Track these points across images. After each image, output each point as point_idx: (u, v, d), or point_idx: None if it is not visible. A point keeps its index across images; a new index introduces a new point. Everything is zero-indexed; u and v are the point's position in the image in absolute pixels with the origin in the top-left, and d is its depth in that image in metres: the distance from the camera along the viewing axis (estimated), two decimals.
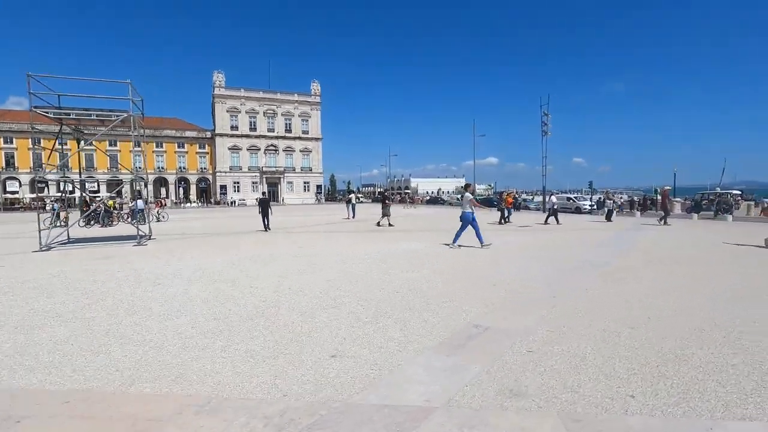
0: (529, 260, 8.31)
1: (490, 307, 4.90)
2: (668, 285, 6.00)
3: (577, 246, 10.67)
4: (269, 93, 68.18)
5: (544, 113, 26.83)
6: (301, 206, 52.95)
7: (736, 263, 7.88)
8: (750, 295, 5.40)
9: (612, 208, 21.33)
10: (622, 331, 4.03)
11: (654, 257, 8.60)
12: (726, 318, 4.39)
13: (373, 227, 17.06)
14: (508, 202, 20.80)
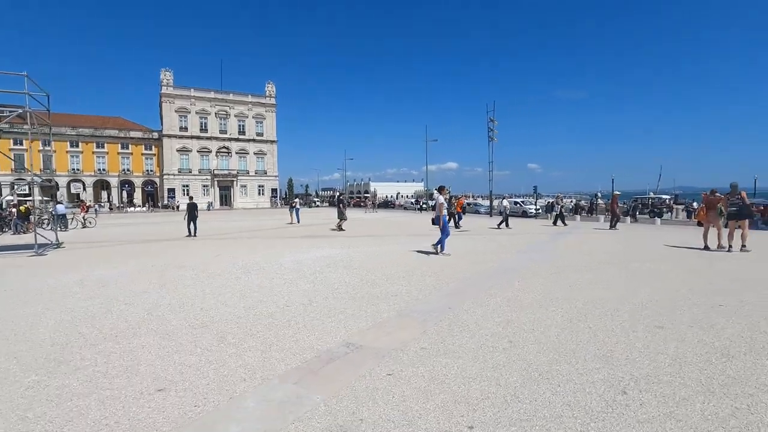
0: (455, 269, 8.12)
1: (376, 322, 4.57)
2: (566, 291, 5.94)
3: (516, 251, 10.67)
4: (221, 93, 65.77)
5: (490, 119, 27.37)
6: (254, 210, 51.25)
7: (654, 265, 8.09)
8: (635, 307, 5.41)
9: (562, 212, 21.74)
10: (499, 345, 3.81)
11: (575, 263, 8.69)
12: (607, 331, 4.30)
13: (311, 233, 16.53)
14: (458, 206, 20.95)
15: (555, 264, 8.37)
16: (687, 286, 6.18)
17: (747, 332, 4.10)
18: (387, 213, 40.65)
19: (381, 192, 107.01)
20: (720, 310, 4.87)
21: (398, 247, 11.43)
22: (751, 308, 4.96)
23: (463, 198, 34.50)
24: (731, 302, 5.26)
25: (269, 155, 69.48)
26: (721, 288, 6.07)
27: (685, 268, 7.81)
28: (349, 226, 18.77)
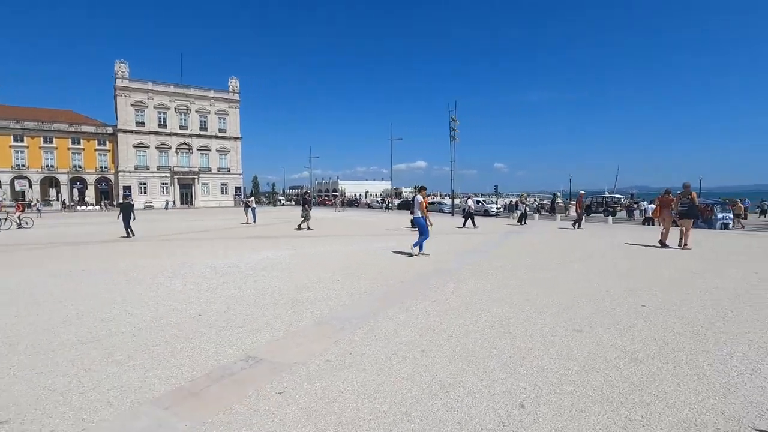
0: (395, 270, 7.91)
1: (290, 332, 4.27)
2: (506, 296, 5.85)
3: (466, 250, 10.59)
4: (182, 88, 63.26)
5: (452, 119, 27.51)
6: (216, 209, 49.55)
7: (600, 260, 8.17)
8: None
9: (525, 211, 22.06)
10: (410, 355, 3.60)
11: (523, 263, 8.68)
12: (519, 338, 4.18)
13: (264, 233, 15.99)
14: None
15: (500, 264, 8.32)
16: (620, 285, 6.23)
17: (660, 334, 4.08)
18: (353, 212, 40.27)
19: (350, 191, 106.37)
20: (641, 312, 4.88)
21: (349, 248, 11.15)
22: (672, 308, 5.00)
23: (428, 197, 34.63)
24: (654, 302, 5.30)
25: (233, 152, 67.52)
26: (649, 286, 6.14)
27: (625, 267, 7.93)
28: (327, 226, 18.35)
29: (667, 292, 5.87)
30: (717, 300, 5.39)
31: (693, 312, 4.84)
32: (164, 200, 59.02)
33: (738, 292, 5.81)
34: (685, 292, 5.87)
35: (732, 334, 4.07)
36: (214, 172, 65.99)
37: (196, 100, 64.31)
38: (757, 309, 4.95)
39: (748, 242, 12.45)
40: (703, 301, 5.35)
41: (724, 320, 4.53)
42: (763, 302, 5.26)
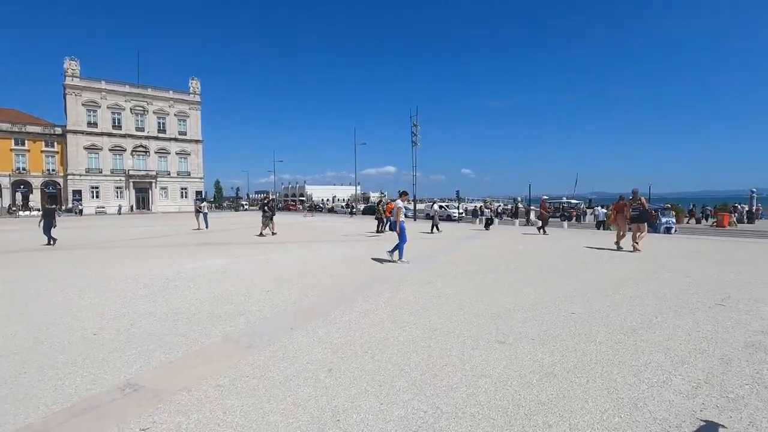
0: (335, 279, 7.57)
1: (191, 351, 3.85)
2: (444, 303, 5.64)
3: (416, 256, 10.38)
4: (138, 88, 60.60)
5: (413, 124, 27.58)
6: (174, 214, 47.51)
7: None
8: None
9: (490, 216, 22.11)
10: (313, 376, 3.28)
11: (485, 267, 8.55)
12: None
13: (213, 240, 15.26)
14: (387, 210, 20.50)
15: (446, 271, 8.15)
16: (561, 290, 6.17)
17: (582, 344, 3.96)
18: (317, 217, 39.60)
19: (317, 195, 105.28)
20: (570, 320, 4.78)
21: (298, 255, 10.71)
22: (600, 315, 4.93)
23: (392, 203, 34.42)
24: (585, 309, 5.23)
25: (193, 155, 65.25)
26: (586, 291, 6.10)
27: (572, 271, 7.93)
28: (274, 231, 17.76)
29: (602, 297, 5.84)
30: (646, 305, 5.39)
31: (619, 319, 4.78)
32: (118, 205, 56.10)
33: (667, 297, 5.86)
34: (618, 297, 5.86)
35: (652, 342, 4.00)
36: (173, 176, 63.47)
37: (153, 101, 61.78)
38: (680, 315, 4.96)
39: (686, 246, 12.94)
40: (632, 306, 5.33)
41: (648, 327, 4.48)
42: (688, 307, 5.30)
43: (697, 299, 5.71)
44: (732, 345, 3.94)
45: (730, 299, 5.71)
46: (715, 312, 5.07)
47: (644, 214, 11.52)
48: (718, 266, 8.57)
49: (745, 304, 5.43)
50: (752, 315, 4.93)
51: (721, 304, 5.45)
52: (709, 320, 4.73)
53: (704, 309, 5.21)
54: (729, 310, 5.15)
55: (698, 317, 4.85)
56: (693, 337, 4.16)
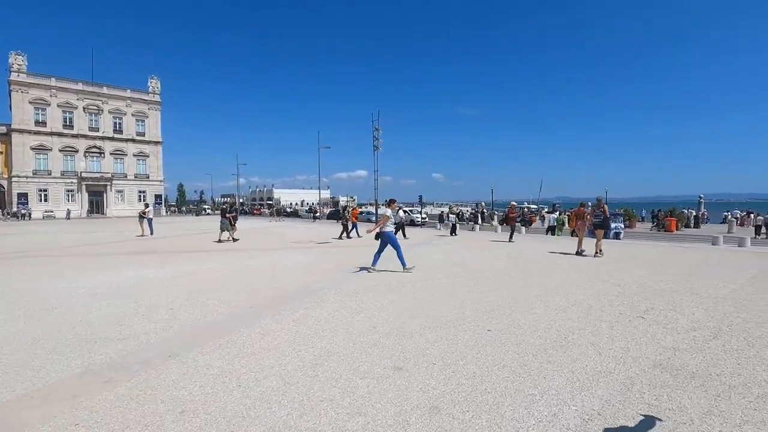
0: (257, 293, 7.04)
1: (28, 391, 3.27)
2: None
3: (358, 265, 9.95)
4: (92, 86, 57.58)
5: (375, 128, 27.31)
6: (131, 219, 45.13)
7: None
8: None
9: (455, 222, 21.49)
10: (153, 422, 2.79)
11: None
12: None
13: (150, 248, 14.33)
14: (353, 215, 19.90)
15: (379, 281, 7.77)
16: (487, 302, 5.88)
17: (484, 368, 3.65)
18: (281, 222, 38.63)
19: (285, 199, 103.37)
20: (482, 338, 4.47)
21: (232, 265, 10.08)
22: (516, 332, 4.66)
23: (358, 208, 33.93)
24: (504, 324, 4.96)
25: (153, 157, 62.55)
26: (514, 302, 5.86)
27: (508, 281, 7.72)
28: (211, 239, 16.94)
29: (525, 311, 5.60)
30: (568, 319, 5.18)
31: (535, 336, 4.53)
32: (66, 209, 52.94)
33: (592, 309, 5.69)
34: (542, 310, 5.64)
35: (559, 364, 3.74)
36: (130, 179, 60.58)
37: (109, 100, 58.82)
38: (599, 330, 4.76)
39: (629, 252, 13.13)
40: (553, 321, 5.11)
41: (561, 346, 4.24)
42: (609, 321, 5.12)
43: (621, 311, 5.56)
44: (640, 365, 3.73)
45: (652, 310, 5.59)
46: (634, 326, 4.91)
47: (605, 222, 11.96)
48: (652, 274, 8.60)
49: (665, 316, 5.31)
50: (668, 329, 4.79)
51: (642, 316, 5.31)
52: (625, 335, 4.55)
53: (625, 322, 5.05)
54: (648, 323, 5.00)
55: (616, 332, 4.67)
56: (603, 357, 3.93)
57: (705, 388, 3.27)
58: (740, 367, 3.67)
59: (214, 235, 18.01)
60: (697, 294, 6.61)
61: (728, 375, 3.51)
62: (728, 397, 3.11)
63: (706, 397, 3.10)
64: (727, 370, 3.61)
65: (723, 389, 3.24)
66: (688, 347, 4.19)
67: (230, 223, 16.33)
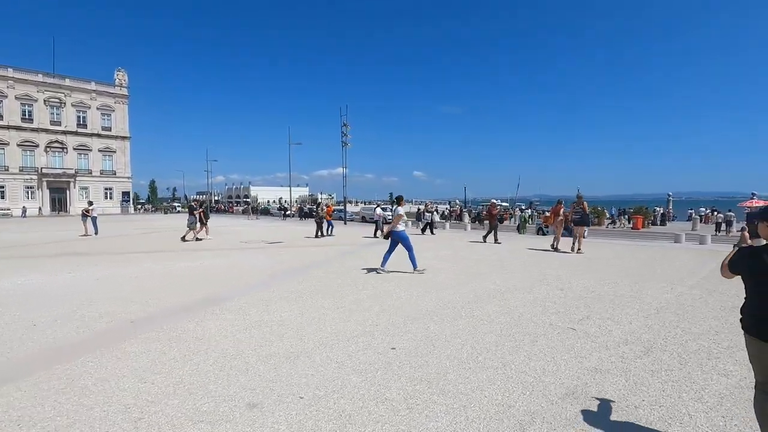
0: (160, 300, 6.23)
1: None
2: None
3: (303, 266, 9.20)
4: (54, 77, 54.87)
5: (343, 124, 26.48)
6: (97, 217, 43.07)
7: None
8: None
9: (431, 220, 20.80)
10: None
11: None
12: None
13: (87, 249, 13.24)
14: (328, 213, 18.91)
15: (302, 287, 7.05)
16: (410, 313, 5.24)
17: (362, 402, 2.97)
18: (253, 221, 37.43)
19: (262, 197, 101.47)
20: (382, 358, 3.81)
21: (160, 268, 9.19)
22: (424, 348, 4.02)
23: (332, 205, 33.07)
24: (410, 341, 4.30)
25: (120, 153, 60.16)
26: (431, 313, 5.23)
27: (446, 286, 7.10)
28: (167, 238, 15.93)
29: (448, 321, 4.98)
30: (490, 332, 4.57)
31: (443, 355, 3.88)
32: (31, 206, 50.40)
33: (523, 318, 5.11)
34: (466, 320, 5.02)
35: (453, 395, 3.10)
36: (95, 175, 58.11)
37: (72, 93, 56.18)
38: (520, 345, 4.16)
39: (587, 251, 12.76)
40: (472, 334, 4.49)
41: (467, 367, 3.61)
42: (535, 333, 4.53)
43: (551, 321, 4.99)
44: (549, 394, 3.12)
45: (587, 320, 5.04)
46: (561, 339, 4.33)
47: (585, 218, 12.18)
48: (602, 275, 8.14)
49: (598, 327, 4.75)
50: (598, 343, 4.23)
51: (573, 327, 4.74)
52: (546, 353, 3.95)
53: (552, 335, 4.46)
54: (577, 336, 4.43)
55: (537, 348, 4.07)
56: (510, 383, 3.31)
57: (613, 428, 2.67)
58: (664, 395, 3.10)
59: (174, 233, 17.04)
60: (641, 299, 6.12)
61: (647, 406, 2.93)
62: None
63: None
64: (648, 399, 3.04)
65: (635, 429, 2.66)
66: (613, 367, 3.61)
67: (198, 220, 15.81)
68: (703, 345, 4.17)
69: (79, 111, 56.68)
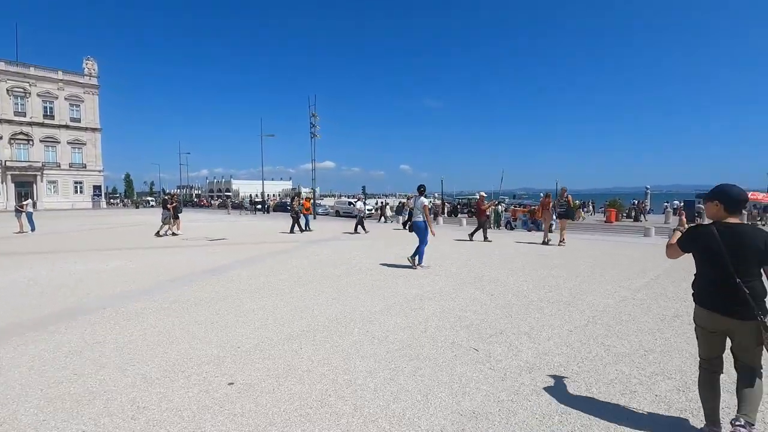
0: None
1: None
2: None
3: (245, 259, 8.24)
4: (17, 66, 52.37)
5: (312, 114, 25.36)
6: (66, 212, 41.38)
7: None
8: None
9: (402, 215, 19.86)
10: None
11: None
12: None
13: (16, 249, 12.09)
14: (305, 207, 17.68)
15: (198, 296, 6.13)
16: (296, 326, 4.36)
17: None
18: (221, 215, 36.20)
19: (244, 191, 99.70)
20: (224, 396, 2.93)
21: (73, 269, 8.16)
22: (266, 389, 3.15)
23: (308, 200, 31.96)
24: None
25: (90, 145, 57.97)
26: (322, 327, 4.36)
27: (371, 288, 6.24)
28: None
29: (336, 336, 4.11)
30: (370, 356, 3.71)
31: (284, 394, 3.01)
32: None
33: (423, 335, 4.26)
34: (357, 336, 4.16)
35: None
36: (64, 168, 55.88)
37: (38, 82, 53.75)
38: (391, 378, 3.31)
39: (542, 248, 12.04)
40: (346, 358, 3.62)
41: (307, 410, 2.75)
42: (424, 356, 3.69)
43: (455, 338, 4.15)
44: None
45: (500, 336, 4.22)
46: (453, 366, 3.49)
47: (569, 212, 12.31)
48: (545, 276, 7.37)
49: (508, 346, 3.94)
50: (495, 371, 3.40)
51: (476, 348, 3.91)
52: (423, 387, 3.11)
53: (445, 360, 3.62)
54: (475, 361, 3.60)
55: (414, 381, 3.22)
56: None
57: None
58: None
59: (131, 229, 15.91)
60: (576, 306, 5.33)
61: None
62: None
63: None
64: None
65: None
66: (495, 411, 2.78)
67: (171, 216, 15.17)
68: (622, 372, 3.37)
69: (45, 101, 54.30)
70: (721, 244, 2.25)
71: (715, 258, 2.27)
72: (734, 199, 2.31)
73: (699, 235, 2.37)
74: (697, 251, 2.40)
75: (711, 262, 2.31)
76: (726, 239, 2.25)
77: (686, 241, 2.46)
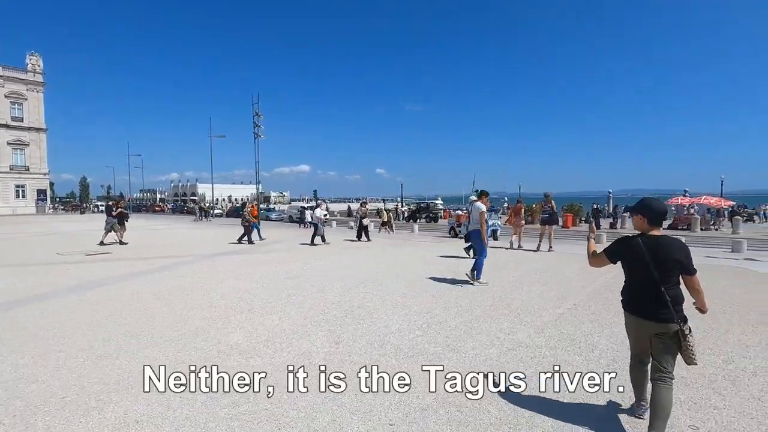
0: None
1: None
2: None
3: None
4: None
5: (255, 113, 23.86)
6: (6, 218, 37.90)
7: None
8: None
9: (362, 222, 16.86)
10: None
11: None
12: None
13: None
14: (253, 213, 15.09)
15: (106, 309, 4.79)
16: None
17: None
18: (157, 221, 34.00)
19: (210, 195, 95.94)
20: None
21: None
22: None
23: (255, 205, 30.13)
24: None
25: (34, 146, 54.02)
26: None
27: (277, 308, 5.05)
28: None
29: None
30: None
31: None
32: None
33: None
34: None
35: None
36: (4, 171, 51.74)
37: None
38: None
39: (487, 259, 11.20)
40: (121, 425, 2.44)
41: None
42: None
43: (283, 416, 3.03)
44: None
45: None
46: None
47: (553, 216, 12.14)
48: (474, 293, 6.40)
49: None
50: None
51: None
52: None
53: None
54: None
55: None
56: None
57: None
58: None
59: (46, 239, 13.92)
60: (490, 334, 4.34)
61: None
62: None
63: None
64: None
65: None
66: None
67: (116, 222, 13.73)
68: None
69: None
70: (647, 254, 2.45)
71: (642, 267, 2.47)
72: (656, 213, 2.51)
73: (628, 247, 2.56)
74: (625, 261, 2.61)
75: (638, 271, 2.51)
76: (651, 250, 2.45)
77: (615, 252, 2.65)
